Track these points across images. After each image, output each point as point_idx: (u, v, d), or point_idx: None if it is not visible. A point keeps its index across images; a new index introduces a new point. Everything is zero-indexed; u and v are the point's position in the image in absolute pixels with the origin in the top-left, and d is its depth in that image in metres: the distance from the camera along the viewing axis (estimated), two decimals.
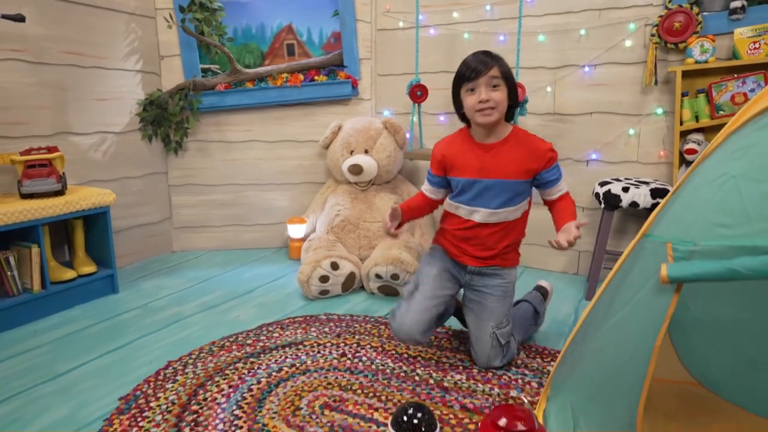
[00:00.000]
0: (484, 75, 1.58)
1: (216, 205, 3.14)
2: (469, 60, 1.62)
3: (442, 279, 1.77)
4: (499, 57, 1.64)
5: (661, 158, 2.45)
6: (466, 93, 1.63)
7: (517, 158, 1.65)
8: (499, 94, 1.60)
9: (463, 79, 1.62)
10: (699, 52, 2.21)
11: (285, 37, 3.26)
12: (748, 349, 1.48)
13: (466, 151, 1.71)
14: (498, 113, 1.61)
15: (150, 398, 1.59)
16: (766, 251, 0.89)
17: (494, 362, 1.72)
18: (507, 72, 1.63)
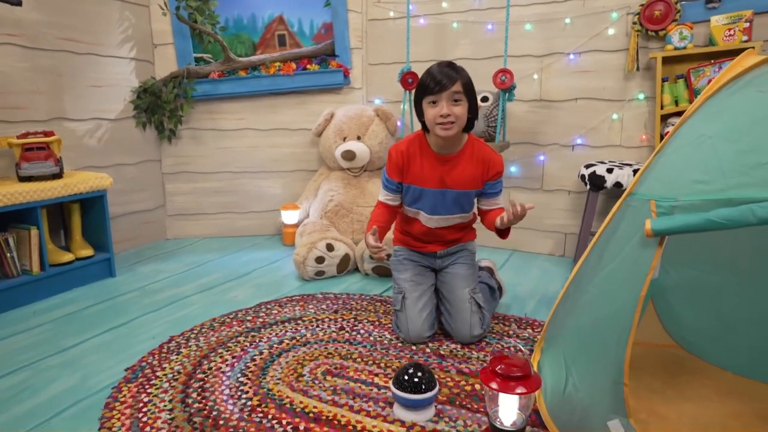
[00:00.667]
0: (447, 90, 1.60)
1: (209, 193, 3.17)
2: (434, 72, 1.64)
3: (420, 277, 1.89)
4: (462, 70, 1.66)
5: (643, 142, 2.55)
6: (428, 104, 1.66)
7: (471, 170, 1.75)
8: (460, 108, 1.64)
9: (426, 91, 1.64)
10: (678, 39, 2.32)
11: (276, 27, 3.31)
12: (726, 312, 1.58)
13: (424, 162, 1.77)
14: (457, 127, 1.66)
15: (156, 368, 1.63)
16: (739, 203, 0.97)
17: (476, 330, 1.77)
18: (469, 86, 1.66)
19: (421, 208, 1.83)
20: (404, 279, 1.86)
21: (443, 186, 1.77)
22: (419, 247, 1.91)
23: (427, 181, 1.78)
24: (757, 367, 1.50)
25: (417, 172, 1.78)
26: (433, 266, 1.92)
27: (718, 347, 1.60)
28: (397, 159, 1.80)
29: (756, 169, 0.98)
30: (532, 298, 2.23)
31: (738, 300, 1.56)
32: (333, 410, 1.41)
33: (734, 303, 1.57)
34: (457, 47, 2.91)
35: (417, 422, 1.34)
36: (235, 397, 1.47)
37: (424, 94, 1.65)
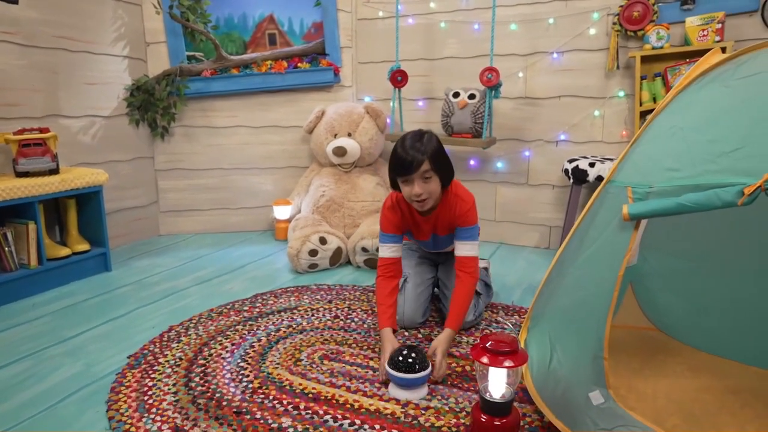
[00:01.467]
0: (416, 172, 1.62)
1: (202, 189, 3.22)
2: (402, 153, 1.63)
3: (424, 267, 2.00)
4: (429, 141, 1.65)
5: (624, 137, 2.66)
6: (401, 182, 1.68)
7: (449, 220, 1.79)
8: (432, 184, 1.66)
9: (398, 172, 1.66)
10: (655, 39, 2.43)
11: (267, 26, 3.36)
12: (698, 295, 1.68)
13: (415, 222, 1.83)
14: (432, 200, 1.69)
15: (158, 355, 1.69)
16: (706, 188, 1.06)
17: (469, 316, 1.85)
18: (436, 158, 1.65)
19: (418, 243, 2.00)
20: (410, 265, 1.96)
21: (429, 236, 1.87)
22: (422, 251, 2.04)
23: (420, 234, 1.88)
24: (726, 347, 1.60)
25: (409, 226, 1.86)
26: (436, 261, 2.05)
27: (691, 329, 1.70)
28: (394, 219, 1.81)
29: (721, 157, 1.07)
30: (519, 287, 2.32)
31: (709, 284, 1.66)
32: (331, 391, 1.48)
33: (705, 287, 1.68)
34: (444, 46, 2.99)
35: (411, 400, 1.42)
36: (237, 381, 1.54)
37: (396, 174, 1.67)
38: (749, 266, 1.58)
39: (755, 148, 1.04)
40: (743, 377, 1.52)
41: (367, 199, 2.88)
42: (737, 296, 1.61)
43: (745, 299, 1.59)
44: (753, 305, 1.57)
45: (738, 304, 1.61)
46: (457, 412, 1.38)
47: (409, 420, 1.34)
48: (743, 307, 1.59)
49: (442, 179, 1.68)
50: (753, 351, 1.56)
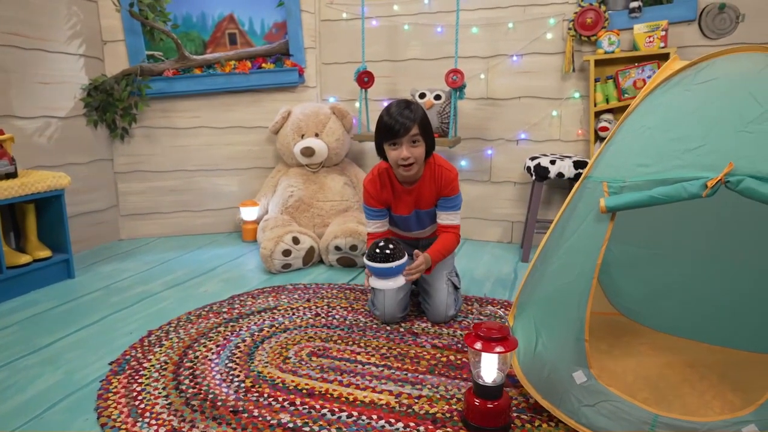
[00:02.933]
0: (407, 134, 1.69)
1: (165, 192, 3.14)
2: (392, 116, 1.71)
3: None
4: (418, 109, 1.74)
5: (579, 136, 2.82)
6: (388, 147, 1.76)
7: (432, 192, 1.87)
8: (419, 149, 1.74)
9: (387, 136, 1.73)
10: (607, 44, 2.60)
11: (227, 26, 3.33)
12: (656, 281, 1.83)
13: (396, 195, 1.90)
14: (417, 165, 1.77)
15: (141, 360, 1.67)
16: (673, 182, 1.18)
17: (450, 311, 1.94)
18: (425, 125, 1.75)
19: (397, 227, 2.03)
20: None
21: (413, 209, 1.93)
22: (403, 236, 2.06)
23: (401, 209, 1.93)
24: (681, 327, 1.74)
25: (390, 201, 1.92)
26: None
27: (650, 312, 1.85)
28: (373, 191, 1.88)
29: (685, 154, 1.19)
30: (488, 280, 2.43)
31: (664, 270, 1.81)
32: (324, 386, 1.51)
33: (662, 273, 1.82)
34: (408, 48, 3.07)
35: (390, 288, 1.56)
36: (228, 381, 1.54)
37: (384, 138, 1.74)
38: (700, 253, 1.74)
39: (715, 146, 1.16)
40: (698, 353, 1.67)
41: (336, 199, 2.92)
42: (689, 280, 1.76)
43: (697, 283, 1.74)
44: (703, 288, 1.73)
45: (690, 287, 1.76)
46: (448, 399, 1.45)
47: (404, 409, 1.40)
48: (695, 291, 1.75)
49: (428, 146, 1.76)
50: (704, 330, 1.71)
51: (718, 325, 1.70)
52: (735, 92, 1.19)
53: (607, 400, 1.27)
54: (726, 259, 1.71)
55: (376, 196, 1.88)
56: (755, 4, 2.47)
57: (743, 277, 1.68)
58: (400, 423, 1.34)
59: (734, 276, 1.70)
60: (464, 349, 1.74)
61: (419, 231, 2.03)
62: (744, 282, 1.68)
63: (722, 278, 1.71)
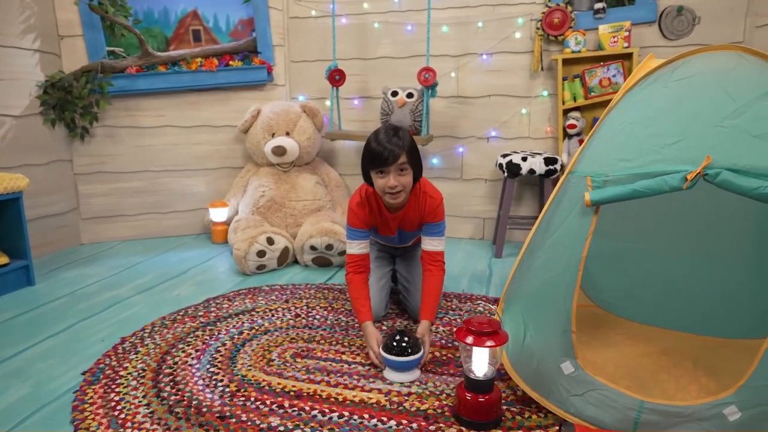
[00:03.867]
0: (393, 164, 1.64)
1: (129, 193, 3.03)
2: (381, 143, 1.64)
3: (382, 261, 2.05)
4: (405, 135, 1.68)
5: (548, 133, 2.89)
6: (376, 174, 1.69)
7: (417, 216, 1.86)
8: (407, 177, 1.69)
9: (375, 164, 1.66)
10: (574, 43, 2.67)
11: (190, 22, 3.24)
12: (631, 273, 1.89)
13: (383, 219, 1.87)
14: (405, 194, 1.72)
15: (117, 369, 1.60)
16: (654, 175, 1.22)
17: None
18: (413, 152, 1.70)
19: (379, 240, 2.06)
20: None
21: (396, 230, 1.92)
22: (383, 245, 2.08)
23: (386, 230, 1.92)
24: (653, 316, 1.81)
25: (377, 223, 1.89)
26: (393, 254, 2.09)
27: (625, 303, 1.91)
28: (362, 215, 1.82)
29: (664, 148, 1.23)
30: (464, 277, 2.45)
31: (637, 262, 1.88)
32: (312, 387, 1.49)
33: (635, 265, 1.89)
34: (378, 46, 3.06)
35: (407, 381, 1.50)
36: (211, 386, 1.50)
37: (372, 166, 1.68)
38: (670, 245, 1.81)
39: (692, 140, 1.21)
40: (670, 340, 1.73)
41: (308, 198, 2.88)
42: (661, 272, 1.83)
43: (667, 274, 1.81)
44: (673, 279, 1.80)
45: (661, 279, 1.83)
46: (437, 395, 1.45)
47: (395, 406, 1.40)
48: (666, 282, 1.81)
49: (415, 174, 1.73)
50: (675, 318, 1.78)
51: (688, 314, 1.77)
52: (710, 89, 1.24)
53: (595, 389, 1.30)
54: (695, 250, 1.78)
55: (363, 219, 1.82)
56: (710, 7, 2.59)
57: (710, 268, 1.76)
58: (392, 421, 1.33)
59: (702, 267, 1.77)
60: (448, 345, 1.75)
61: (401, 244, 2.04)
62: (711, 272, 1.76)
63: (691, 269, 1.79)
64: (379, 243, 2.09)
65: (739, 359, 1.60)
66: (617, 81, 2.63)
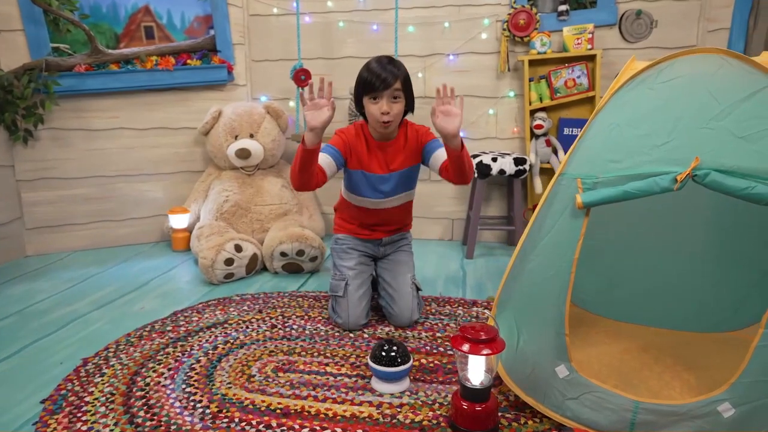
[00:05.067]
0: (389, 88, 1.67)
1: (79, 201, 2.83)
2: (375, 70, 1.68)
3: (363, 266, 1.96)
4: (401, 65, 1.73)
5: (515, 133, 2.91)
6: (368, 100, 1.72)
7: (408, 150, 1.86)
8: (399, 105, 1.72)
9: (369, 88, 1.69)
10: (540, 45, 2.70)
11: (142, 18, 3.07)
12: (604, 271, 1.92)
13: (369, 150, 1.84)
14: (396, 123, 1.76)
15: (81, 394, 1.47)
16: (646, 176, 1.22)
17: (415, 315, 1.91)
18: (407, 82, 1.75)
19: (367, 195, 1.88)
20: (348, 267, 1.90)
21: (388, 170, 1.86)
22: (365, 234, 1.96)
23: (373, 167, 1.85)
24: (629, 313, 1.84)
25: (362, 158, 1.84)
26: (375, 254, 2.00)
27: (602, 301, 1.94)
28: (342, 138, 1.83)
29: (653, 150, 1.24)
30: (439, 279, 2.43)
31: (611, 260, 1.91)
32: (298, 403, 1.42)
33: (608, 262, 1.92)
34: (343, 46, 3.00)
35: (396, 392, 1.45)
36: (190, 408, 1.40)
37: (365, 91, 1.71)
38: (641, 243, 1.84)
39: (680, 141, 1.22)
40: (647, 337, 1.77)
41: (275, 202, 2.79)
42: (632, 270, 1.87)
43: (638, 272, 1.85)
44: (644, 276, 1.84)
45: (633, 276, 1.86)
46: (430, 405, 1.41)
47: (388, 419, 1.35)
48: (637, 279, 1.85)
49: (407, 105, 1.75)
50: (649, 314, 1.82)
51: (661, 310, 1.82)
52: (695, 91, 1.26)
53: (590, 391, 1.30)
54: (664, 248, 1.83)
55: (344, 141, 1.82)
56: (666, 12, 2.68)
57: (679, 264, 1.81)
58: None
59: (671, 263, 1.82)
60: (433, 351, 1.72)
61: (392, 197, 1.90)
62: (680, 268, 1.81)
63: (661, 266, 1.83)
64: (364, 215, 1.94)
65: (713, 353, 1.66)
66: (582, 82, 2.68)
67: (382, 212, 1.93)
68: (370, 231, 1.97)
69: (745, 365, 1.17)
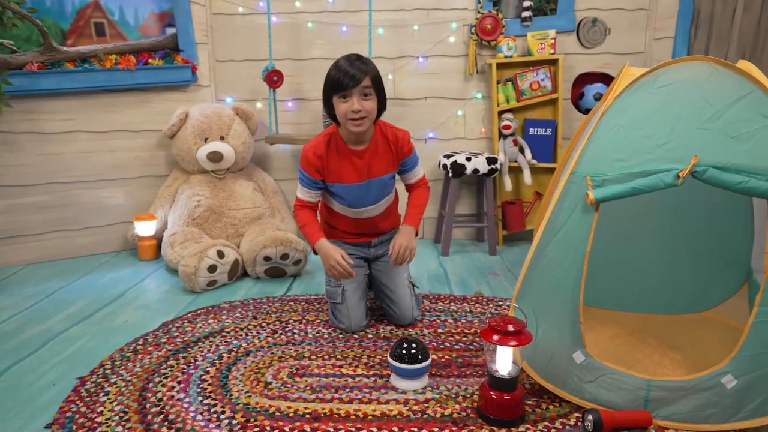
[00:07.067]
0: (358, 85, 1.63)
1: (32, 210, 2.62)
2: (343, 67, 1.65)
3: (356, 269, 1.90)
4: (370, 62, 1.71)
5: (483, 134, 3.03)
6: (338, 100, 1.68)
7: (386, 156, 1.84)
8: (371, 103, 1.68)
9: (337, 87, 1.65)
10: (506, 49, 2.82)
11: (92, 14, 2.88)
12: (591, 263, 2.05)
13: (342, 159, 1.79)
14: (368, 121, 1.71)
15: (90, 415, 1.38)
16: (650, 173, 1.33)
17: (416, 312, 1.95)
18: (377, 79, 1.71)
19: (348, 205, 1.86)
20: None
21: (366, 178, 1.82)
22: (352, 239, 1.96)
23: (349, 177, 1.81)
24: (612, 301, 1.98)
25: (337, 170, 1.80)
26: (366, 256, 1.98)
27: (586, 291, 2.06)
28: (313, 161, 1.77)
29: (655, 149, 1.36)
30: (422, 277, 2.48)
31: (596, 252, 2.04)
32: (326, 406, 1.42)
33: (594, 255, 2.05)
34: (312, 47, 2.98)
35: (413, 389, 1.48)
36: (214, 420, 1.36)
37: (334, 90, 1.67)
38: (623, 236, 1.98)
39: (679, 141, 1.34)
40: (630, 321, 1.91)
41: (248, 206, 2.73)
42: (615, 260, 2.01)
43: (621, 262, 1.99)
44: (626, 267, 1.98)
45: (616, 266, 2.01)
46: (454, 398, 1.46)
47: (419, 415, 1.38)
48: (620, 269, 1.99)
49: (379, 103, 1.73)
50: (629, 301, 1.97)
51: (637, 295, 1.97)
52: (690, 95, 1.39)
53: (605, 374, 1.40)
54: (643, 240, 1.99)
55: (314, 164, 1.77)
56: (618, 21, 2.89)
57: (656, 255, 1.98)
58: (424, 430, 1.31)
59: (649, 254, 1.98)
60: (440, 347, 1.76)
61: (372, 206, 1.88)
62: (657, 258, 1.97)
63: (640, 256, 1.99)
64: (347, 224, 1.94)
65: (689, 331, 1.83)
66: (545, 84, 2.83)
67: (365, 220, 1.92)
68: (356, 236, 1.96)
69: (743, 340, 1.31)
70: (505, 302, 2.14)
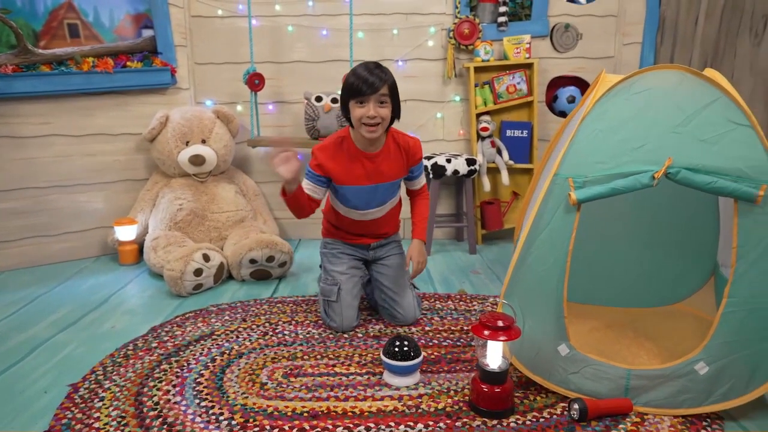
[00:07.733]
0: (376, 92, 1.69)
1: (7, 215, 2.56)
2: (362, 75, 1.70)
3: (354, 270, 1.99)
4: (388, 72, 1.76)
5: (461, 136, 3.10)
6: (355, 104, 1.74)
7: (397, 162, 1.90)
8: (386, 110, 1.74)
9: (355, 92, 1.71)
10: (483, 53, 2.90)
11: (65, 15, 2.84)
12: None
13: (353, 162, 1.84)
14: (382, 128, 1.77)
15: (87, 421, 1.38)
16: (628, 174, 1.42)
17: (418, 312, 2.00)
18: (394, 88, 1.77)
19: (354, 207, 1.90)
20: (340, 271, 1.93)
21: (373, 182, 1.86)
22: (353, 239, 1.99)
23: (357, 180, 1.85)
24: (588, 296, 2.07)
25: (345, 172, 1.84)
26: (365, 258, 2.02)
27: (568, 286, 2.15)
28: (321, 160, 1.82)
29: (632, 152, 1.44)
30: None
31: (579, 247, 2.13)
32: (323, 405, 1.45)
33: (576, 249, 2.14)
34: (293, 50, 3.00)
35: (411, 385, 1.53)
36: (213, 422, 1.38)
37: (352, 95, 1.73)
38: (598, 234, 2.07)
39: (654, 145, 1.43)
40: (607, 315, 2.00)
41: (231, 209, 2.73)
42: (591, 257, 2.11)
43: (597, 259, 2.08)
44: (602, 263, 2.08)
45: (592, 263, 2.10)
46: (446, 392, 1.51)
47: (413, 410, 1.43)
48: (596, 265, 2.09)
49: (393, 111, 1.79)
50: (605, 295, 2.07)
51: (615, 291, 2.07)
52: (663, 101, 1.48)
53: (588, 365, 1.48)
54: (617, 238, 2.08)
55: (322, 164, 1.83)
56: (589, 26, 3.00)
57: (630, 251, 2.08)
58: (419, 424, 1.37)
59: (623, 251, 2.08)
60: (430, 344, 1.82)
61: (377, 209, 1.92)
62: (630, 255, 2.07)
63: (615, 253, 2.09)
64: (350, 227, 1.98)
65: (661, 323, 1.93)
66: (521, 88, 2.92)
67: (368, 222, 1.96)
68: (358, 237, 2.00)
69: (713, 330, 1.41)
70: (488, 299, 2.21)
